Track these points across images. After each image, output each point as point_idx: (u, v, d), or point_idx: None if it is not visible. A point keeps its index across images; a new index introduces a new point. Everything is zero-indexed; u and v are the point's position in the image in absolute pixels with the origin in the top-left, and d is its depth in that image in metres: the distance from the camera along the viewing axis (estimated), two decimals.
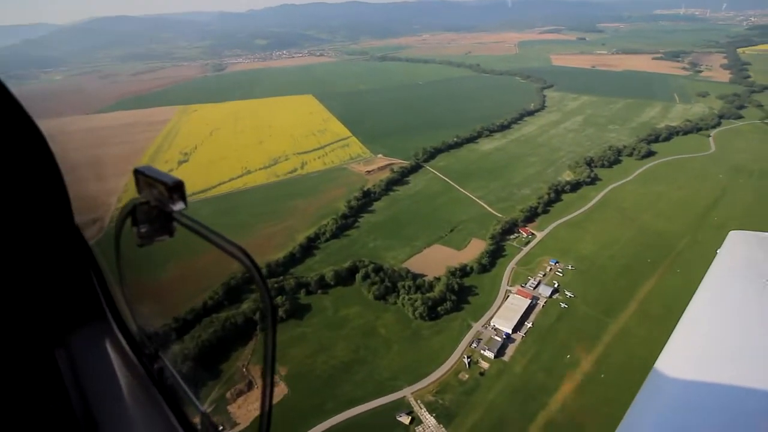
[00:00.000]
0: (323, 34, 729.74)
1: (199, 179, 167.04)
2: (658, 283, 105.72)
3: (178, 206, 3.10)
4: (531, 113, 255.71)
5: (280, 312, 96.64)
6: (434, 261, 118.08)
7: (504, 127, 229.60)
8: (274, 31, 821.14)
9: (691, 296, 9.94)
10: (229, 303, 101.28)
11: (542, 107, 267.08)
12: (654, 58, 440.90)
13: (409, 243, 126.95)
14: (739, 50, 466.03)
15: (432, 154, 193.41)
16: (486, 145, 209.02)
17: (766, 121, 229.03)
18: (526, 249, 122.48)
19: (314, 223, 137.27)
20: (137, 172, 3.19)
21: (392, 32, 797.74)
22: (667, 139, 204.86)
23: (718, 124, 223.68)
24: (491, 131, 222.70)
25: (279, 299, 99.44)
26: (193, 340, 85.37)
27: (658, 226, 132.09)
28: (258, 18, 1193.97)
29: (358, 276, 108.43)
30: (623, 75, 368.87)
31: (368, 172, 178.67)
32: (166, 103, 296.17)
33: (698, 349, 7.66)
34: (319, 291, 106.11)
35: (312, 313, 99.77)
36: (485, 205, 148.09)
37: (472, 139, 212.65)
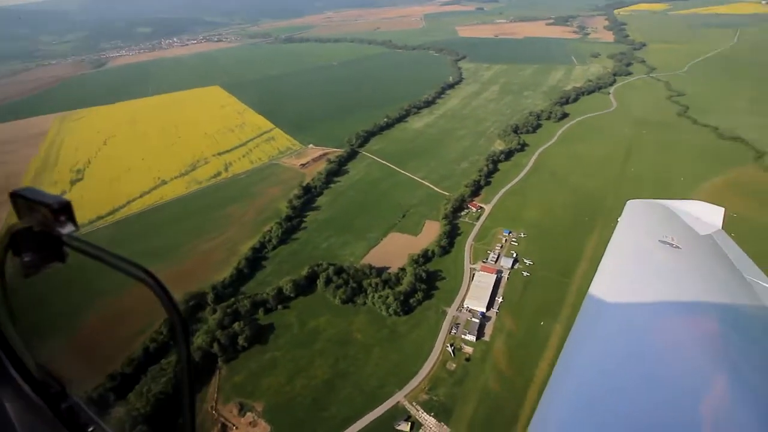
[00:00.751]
0: (218, 17, 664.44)
1: (101, 199, 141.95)
2: (599, 239, 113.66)
3: (67, 229, 2.85)
4: (451, 86, 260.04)
5: (240, 340, 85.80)
6: (394, 251, 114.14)
7: (429, 103, 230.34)
8: (159, 18, 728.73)
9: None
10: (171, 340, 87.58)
11: (460, 79, 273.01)
12: (547, 24, 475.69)
13: (363, 236, 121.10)
14: (615, 11, 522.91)
15: (365, 138, 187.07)
16: (416, 122, 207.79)
17: (651, 75, 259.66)
18: (478, 224, 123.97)
19: (256, 231, 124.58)
20: (15, 196, 2.88)
21: (294, 12, 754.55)
22: (576, 100, 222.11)
23: (614, 82, 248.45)
24: (418, 108, 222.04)
25: (236, 326, 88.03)
26: (142, 397, 71.71)
27: (587, 185, 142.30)
28: (135, 3, 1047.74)
29: (320, 282, 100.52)
30: (525, 42, 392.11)
31: (303, 165, 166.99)
32: (39, 111, 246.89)
33: (608, 314, 8.05)
34: (279, 306, 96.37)
35: (277, 332, 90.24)
36: (430, 185, 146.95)
37: (401, 118, 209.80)
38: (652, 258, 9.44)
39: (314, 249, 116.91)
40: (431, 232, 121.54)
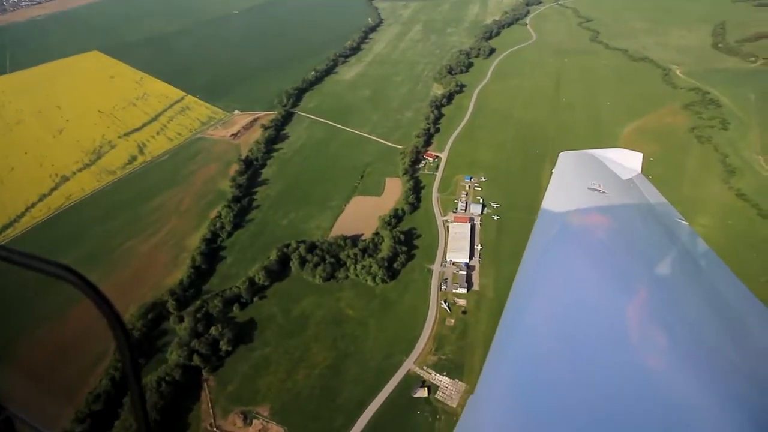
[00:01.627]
0: None
1: None
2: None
3: None
4: (373, 29, 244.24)
5: (222, 345, 77.42)
6: (361, 216, 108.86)
7: (355, 50, 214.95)
8: None
9: None
10: (146, 359, 76.70)
11: (380, 21, 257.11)
12: None
13: (324, 205, 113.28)
14: None
15: (297, 96, 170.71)
16: (346, 72, 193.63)
17: (559, 2, 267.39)
18: (438, 174, 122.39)
19: (201, 219, 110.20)
20: None
21: None
22: (498, 34, 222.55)
23: (528, 13, 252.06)
24: (345, 56, 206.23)
25: (213, 330, 78.79)
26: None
27: (528, 117, 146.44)
28: None
29: (293, 263, 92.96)
30: None
31: (234, 135, 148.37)
32: None
33: (545, 278, 8.32)
34: (255, 298, 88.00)
35: (260, 327, 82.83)
36: (380, 140, 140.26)
37: (330, 70, 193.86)
38: (582, 205, 10.15)
39: (275, 228, 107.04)
40: (394, 189, 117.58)
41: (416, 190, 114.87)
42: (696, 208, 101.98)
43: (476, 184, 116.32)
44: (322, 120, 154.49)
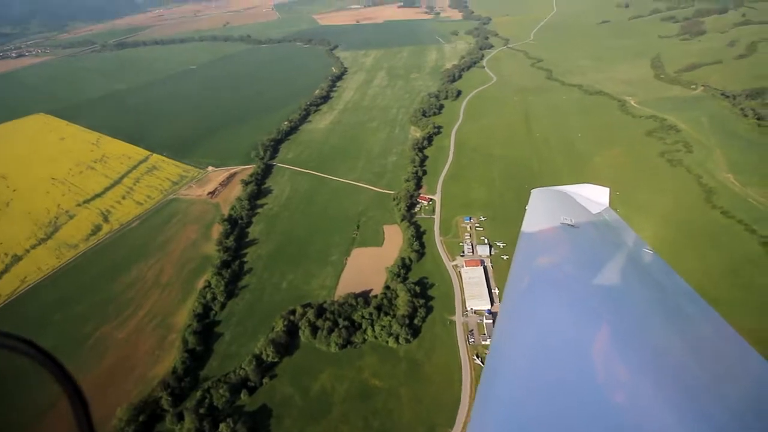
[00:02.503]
0: (6, 28, 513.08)
1: None
2: None
3: None
4: (339, 77, 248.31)
5: None
6: (366, 269, 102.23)
7: (325, 98, 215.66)
8: None
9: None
10: None
11: (345, 69, 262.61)
12: (399, 7, 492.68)
13: (324, 261, 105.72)
14: None
15: (274, 148, 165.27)
16: (320, 121, 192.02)
17: (508, 46, 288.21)
18: (436, 217, 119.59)
19: (188, 291, 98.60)
20: None
21: (108, 13, 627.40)
22: (460, 77, 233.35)
23: (482, 57, 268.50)
24: (316, 105, 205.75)
25: (223, 428, 66.99)
26: None
27: (509, 154, 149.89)
28: None
29: (303, 332, 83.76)
30: (387, 26, 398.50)
31: (211, 193, 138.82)
32: None
33: (528, 306, 8.74)
34: (265, 379, 77.17)
35: (277, 415, 71.87)
36: (369, 186, 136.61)
37: (303, 119, 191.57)
38: (555, 238, 10.80)
39: (274, 293, 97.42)
40: (394, 237, 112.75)
41: (418, 236, 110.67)
42: (689, 229, 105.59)
43: (477, 225, 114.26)
44: (305, 170, 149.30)
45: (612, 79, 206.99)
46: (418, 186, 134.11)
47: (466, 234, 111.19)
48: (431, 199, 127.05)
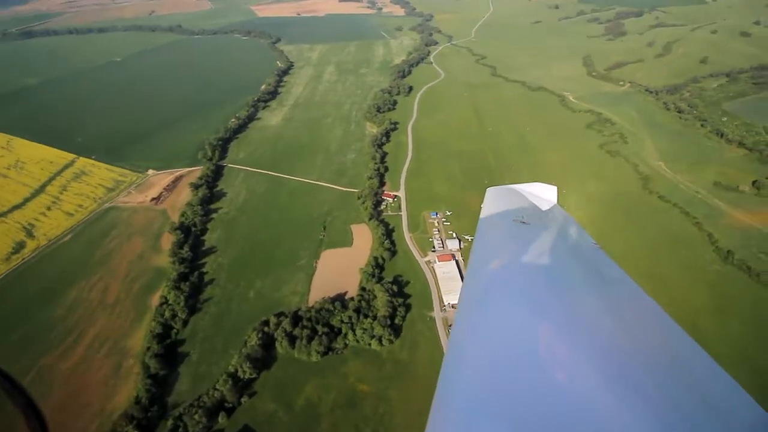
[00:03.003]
0: None
1: None
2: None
3: None
4: (285, 72, 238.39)
5: None
6: (338, 271, 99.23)
7: (273, 94, 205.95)
8: None
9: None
10: None
11: (291, 64, 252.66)
12: (340, 1, 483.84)
13: (293, 265, 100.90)
14: None
15: (222, 147, 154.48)
16: (271, 118, 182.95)
17: (452, 43, 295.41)
18: (403, 213, 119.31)
19: (142, 309, 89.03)
20: None
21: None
22: (409, 72, 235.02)
23: (429, 53, 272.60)
24: (265, 101, 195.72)
25: None
26: None
27: (465, 148, 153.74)
28: None
29: (280, 343, 79.27)
30: (329, 20, 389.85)
31: (155, 199, 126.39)
32: None
33: (485, 304, 8.93)
34: (244, 397, 71.82)
35: None
36: (330, 185, 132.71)
37: (252, 116, 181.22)
38: (509, 235, 11.20)
39: (242, 304, 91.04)
40: (363, 237, 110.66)
41: (388, 233, 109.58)
42: (632, 213, 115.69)
43: (443, 219, 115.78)
44: (260, 171, 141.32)
45: (550, 76, 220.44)
46: (381, 183, 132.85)
47: (434, 229, 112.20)
48: (396, 196, 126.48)
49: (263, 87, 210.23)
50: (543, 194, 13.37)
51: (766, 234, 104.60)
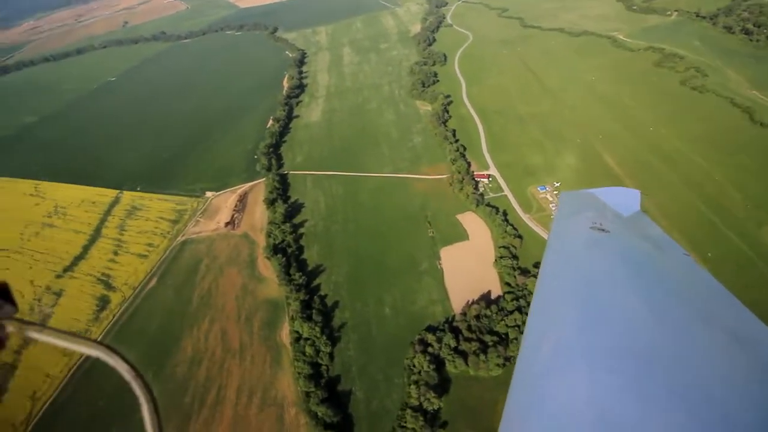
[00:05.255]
0: None
1: None
2: (610, 149, 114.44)
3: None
4: (301, 61, 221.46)
5: None
6: (468, 269, 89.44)
7: (300, 87, 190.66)
8: None
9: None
10: None
11: (302, 52, 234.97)
12: None
13: (416, 270, 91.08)
14: None
15: (275, 154, 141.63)
16: (309, 114, 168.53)
17: (464, 0, 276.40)
18: (508, 193, 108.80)
19: (276, 351, 79.88)
20: None
21: None
22: (434, 40, 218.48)
23: (444, 15, 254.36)
24: (295, 96, 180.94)
25: None
26: None
27: (538, 111, 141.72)
28: None
29: (452, 363, 70.16)
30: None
31: (229, 224, 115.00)
32: None
33: (557, 310, 8.45)
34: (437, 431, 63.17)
35: None
36: (413, 176, 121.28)
37: (289, 115, 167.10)
38: (586, 243, 10.25)
39: (381, 324, 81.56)
40: (476, 226, 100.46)
41: (504, 218, 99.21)
42: (753, 151, 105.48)
43: (555, 192, 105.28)
44: (327, 173, 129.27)
45: (587, 17, 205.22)
46: (467, 164, 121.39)
47: (551, 205, 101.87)
48: (490, 175, 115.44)
49: (286, 81, 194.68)
50: (625, 199, 12.49)
51: None
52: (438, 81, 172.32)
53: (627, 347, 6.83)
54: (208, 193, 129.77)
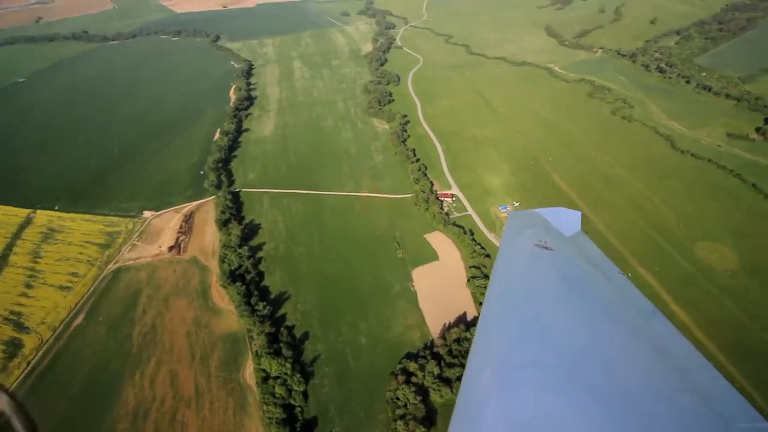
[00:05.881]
0: None
1: None
2: (559, 169, 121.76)
3: None
4: (249, 74, 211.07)
5: None
6: (441, 290, 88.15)
7: (248, 99, 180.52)
8: None
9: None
10: None
11: (249, 63, 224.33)
12: None
13: (388, 294, 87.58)
14: None
15: (224, 170, 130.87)
16: (261, 128, 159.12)
17: (411, 25, 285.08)
18: (472, 213, 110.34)
19: (240, 394, 70.92)
20: None
21: None
22: (386, 60, 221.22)
23: (393, 37, 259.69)
24: (244, 109, 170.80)
25: None
26: None
27: (491, 134, 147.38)
28: None
29: (437, 392, 67.24)
30: (263, 11, 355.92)
31: (173, 248, 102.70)
32: None
33: (505, 321, 9.25)
34: None
35: None
36: (376, 195, 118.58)
37: (239, 128, 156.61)
38: (532, 260, 11.06)
39: (358, 355, 76.60)
40: (444, 246, 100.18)
41: (472, 237, 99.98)
42: (679, 175, 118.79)
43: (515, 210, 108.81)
44: (284, 191, 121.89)
45: (525, 49, 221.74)
46: (430, 183, 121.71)
47: None
48: (454, 195, 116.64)
49: (233, 93, 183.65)
50: (567, 220, 13.19)
51: None
52: (393, 100, 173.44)
53: (561, 360, 7.30)
54: (147, 213, 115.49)
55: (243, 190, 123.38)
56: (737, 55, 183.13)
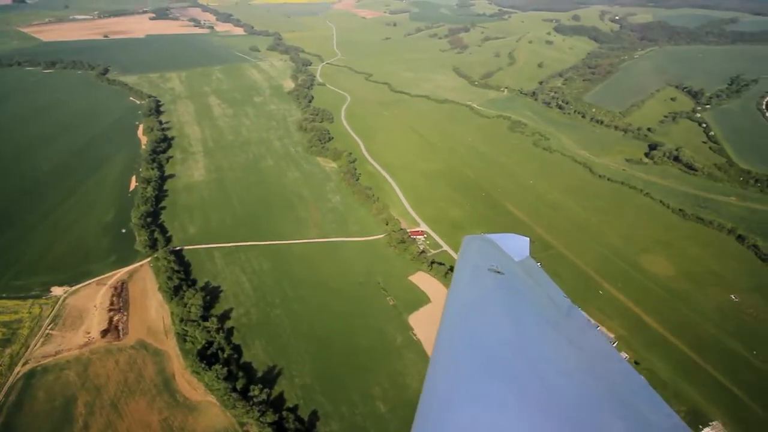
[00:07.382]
0: None
1: None
2: (508, 194, 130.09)
3: None
4: (159, 111, 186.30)
5: None
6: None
7: (166, 140, 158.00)
8: None
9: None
10: None
11: (157, 100, 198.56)
12: (151, 19, 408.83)
13: (392, 347, 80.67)
14: (201, 1, 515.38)
15: (159, 230, 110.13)
16: (189, 172, 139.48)
17: (329, 62, 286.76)
18: (448, 249, 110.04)
19: None
20: None
21: None
22: (312, 98, 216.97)
23: (313, 75, 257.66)
24: (162, 152, 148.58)
25: None
26: None
27: (437, 168, 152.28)
28: None
29: None
30: (156, 41, 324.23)
31: (107, 332, 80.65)
32: None
33: (461, 343, 9.26)
34: None
35: None
36: (345, 239, 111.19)
37: (163, 176, 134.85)
38: (485, 284, 11.85)
39: (379, 424, 67.36)
40: (431, 287, 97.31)
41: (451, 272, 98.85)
42: (607, 198, 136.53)
43: None
44: (238, 244, 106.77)
45: (442, 88, 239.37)
46: (398, 222, 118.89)
47: None
48: (424, 232, 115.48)
49: (142, 133, 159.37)
50: (516, 245, 14.24)
51: (692, 192, 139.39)
52: (332, 138, 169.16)
53: (505, 379, 7.70)
54: (56, 290, 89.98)
55: (186, 247, 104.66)
56: (611, 93, 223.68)
